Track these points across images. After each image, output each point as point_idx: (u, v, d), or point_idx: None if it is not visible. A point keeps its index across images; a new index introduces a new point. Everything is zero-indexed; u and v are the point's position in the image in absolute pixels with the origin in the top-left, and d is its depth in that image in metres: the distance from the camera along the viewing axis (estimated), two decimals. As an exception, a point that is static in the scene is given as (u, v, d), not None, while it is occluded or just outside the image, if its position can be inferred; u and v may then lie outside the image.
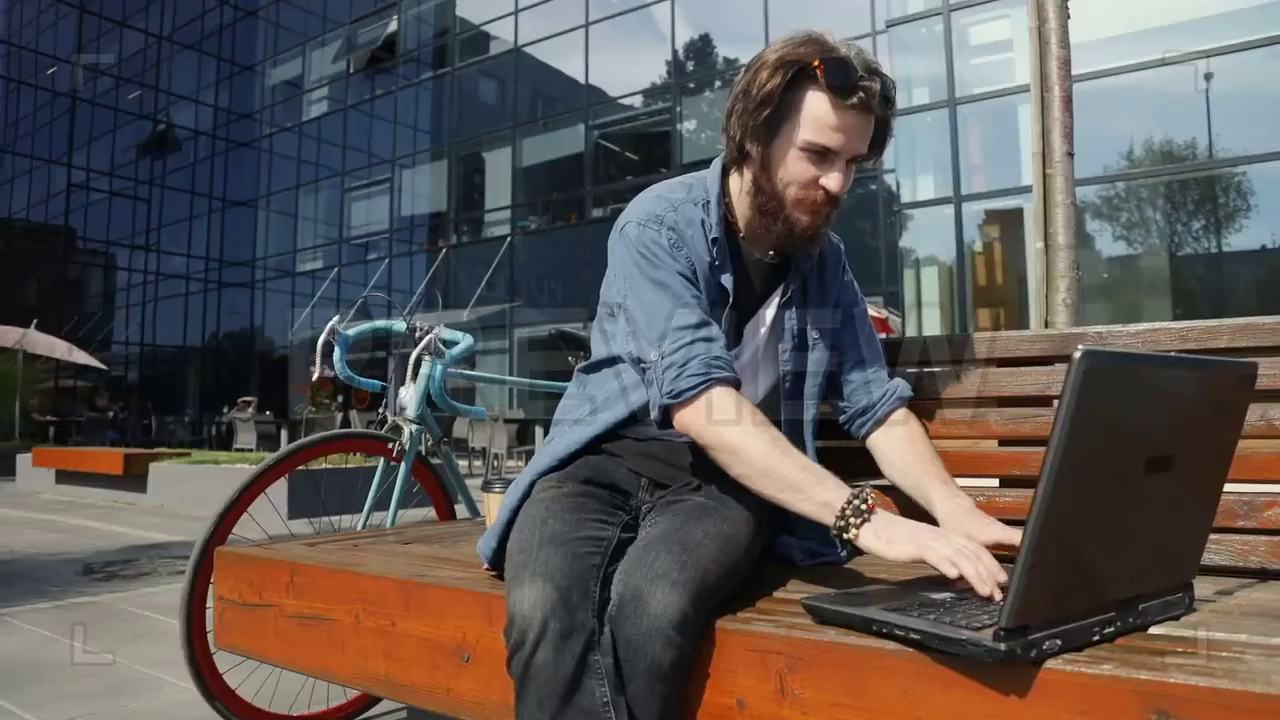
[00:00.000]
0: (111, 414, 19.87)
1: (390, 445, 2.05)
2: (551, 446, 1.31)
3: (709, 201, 1.26)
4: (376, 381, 2.14)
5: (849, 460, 1.43)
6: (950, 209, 10.36)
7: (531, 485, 1.26)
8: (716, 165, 1.29)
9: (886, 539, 1.00)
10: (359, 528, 2.08)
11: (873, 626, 0.90)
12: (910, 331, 10.85)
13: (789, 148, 1.17)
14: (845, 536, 1.03)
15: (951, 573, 0.94)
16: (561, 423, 1.36)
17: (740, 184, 1.26)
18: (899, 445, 1.28)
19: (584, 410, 1.32)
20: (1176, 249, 9.98)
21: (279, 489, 1.89)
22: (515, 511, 1.22)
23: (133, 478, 7.39)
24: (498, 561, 1.23)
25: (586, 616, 1.00)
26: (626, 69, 18.29)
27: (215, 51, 27.05)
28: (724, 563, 1.04)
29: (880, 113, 1.18)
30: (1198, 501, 0.95)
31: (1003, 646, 0.78)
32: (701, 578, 0.99)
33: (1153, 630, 0.92)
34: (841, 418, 1.36)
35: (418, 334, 2.05)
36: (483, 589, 1.23)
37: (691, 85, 17.08)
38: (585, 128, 18.59)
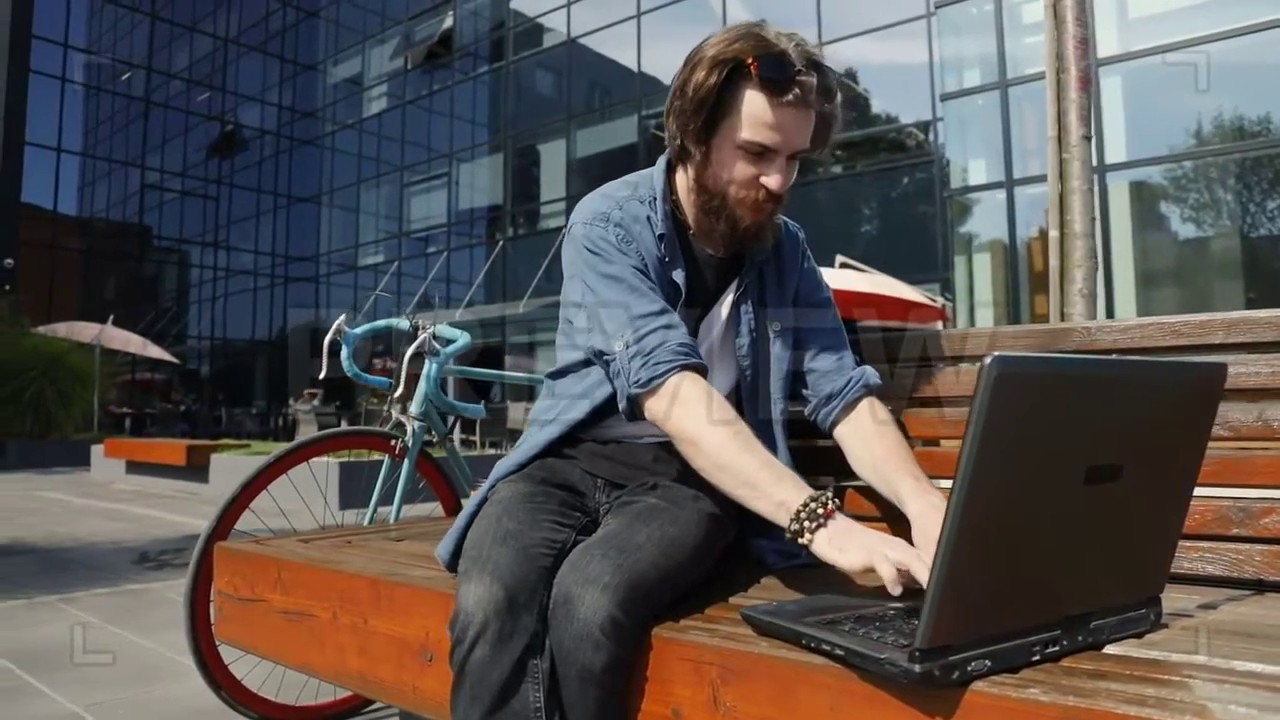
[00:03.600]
0: (184, 407, 20.69)
1: (393, 442, 2.07)
2: (514, 452, 1.31)
3: (654, 198, 1.23)
4: (385, 379, 2.17)
5: (828, 460, 1.39)
6: (1003, 193, 10.02)
7: (492, 489, 1.25)
8: (661, 162, 1.27)
9: (840, 547, 0.96)
10: (365, 524, 2.11)
11: (802, 640, 0.87)
12: (963, 318, 10.56)
13: (728, 147, 1.15)
14: (800, 541, 0.99)
15: (896, 591, 0.90)
16: (531, 425, 1.35)
17: (685, 181, 1.24)
18: (866, 439, 1.23)
19: (549, 415, 1.31)
20: (1249, 230, 9.47)
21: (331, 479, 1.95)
22: (473, 516, 1.22)
23: (195, 468, 7.68)
24: (455, 564, 1.23)
25: (531, 620, 0.99)
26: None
27: (279, 52, 27.84)
28: (664, 566, 1.02)
29: (820, 107, 1.13)
30: (1160, 512, 0.89)
31: (917, 668, 0.74)
32: (635, 581, 0.97)
33: (1108, 649, 0.86)
34: (807, 409, 1.31)
35: (419, 332, 2.07)
36: (445, 589, 1.23)
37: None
38: (639, 118, 18.57)
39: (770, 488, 1.02)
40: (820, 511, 0.99)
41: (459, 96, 22.82)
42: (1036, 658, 0.81)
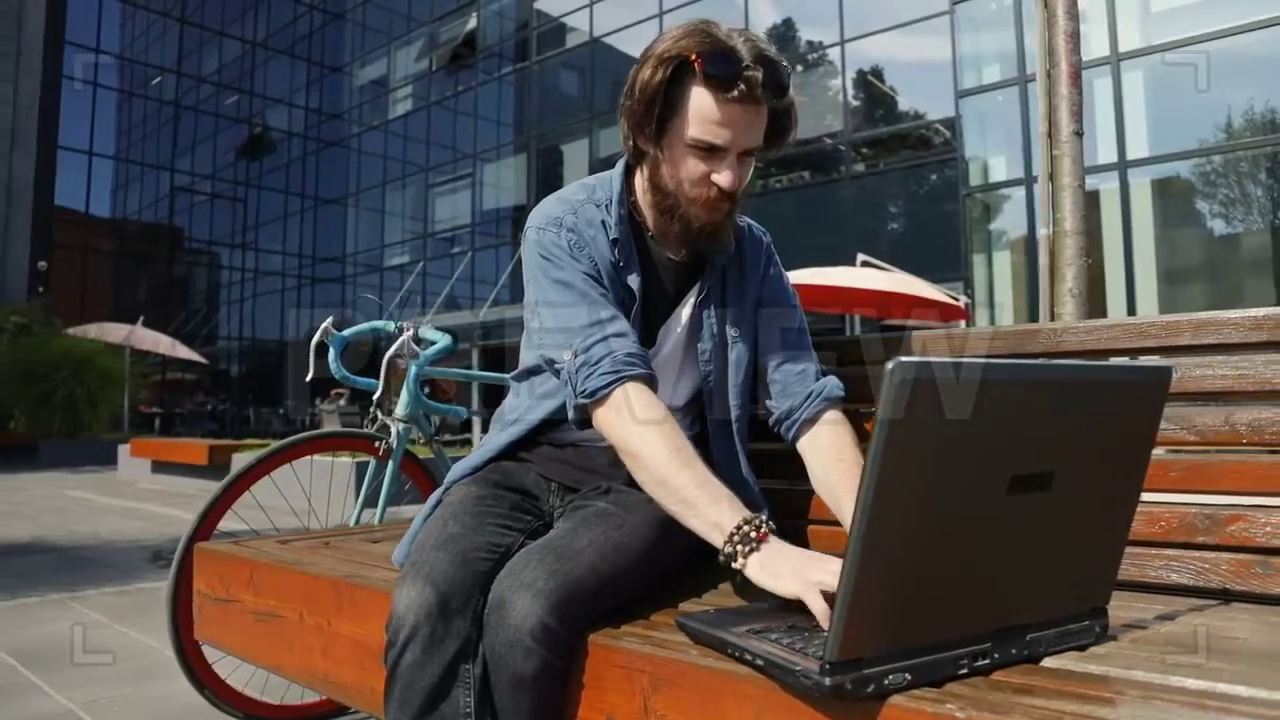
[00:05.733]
0: (210, 406, 21.03)
1: (377, 444, 2.08)
2: (473, 454, 1.30)
3: (610, 201, 1.22)
4: (373, 380, 2.17)
5: (799, 466, 1.37)
6: (1022, 190, 9.85)
7: (447, 491, 1.25)
8: (620, 164, 1.26)
9: (772, 572, 0.95)
10: (351, 525, 2.12)
11: (728, 649, 0.86)
12: (982, 317, 10.42)
13: (678, 145, 1.13)
14: (734, 565, 0.98)
15: (827, 625, 0.88)
16: (493, 426, 1.35)
17: (642, 182, 1.23)
18: (822, 458, 1.21)
19: (512, 416, 1.31)
20: (1281, 226, 9.23)
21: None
22: (428, 519, 1.21)
23: (217, 467, 7.78)
24: None
25: (464, 624, 0.99)
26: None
27: (306, 55, 28.17)
28: (605, 571, 1.01)
29: (771, 102, 1.11)
30: (1102, 520, 0.86)
31: (828, 681, 0.72)
32: (572, 587, 0.96)
33: (1046, 663, 0.84)
34: (770, 420, 1.30)
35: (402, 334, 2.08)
36: (402, 593, 1.23)
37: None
38: (660, 117, 18.51)
39: (706, 508, 1.01)
40: (754, 535, 0.97)
41: (483, 97, 22.92)
42: (964, 671, 0.79)
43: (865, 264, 8.32)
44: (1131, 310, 8.94)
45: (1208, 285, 9.57)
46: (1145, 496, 1.15)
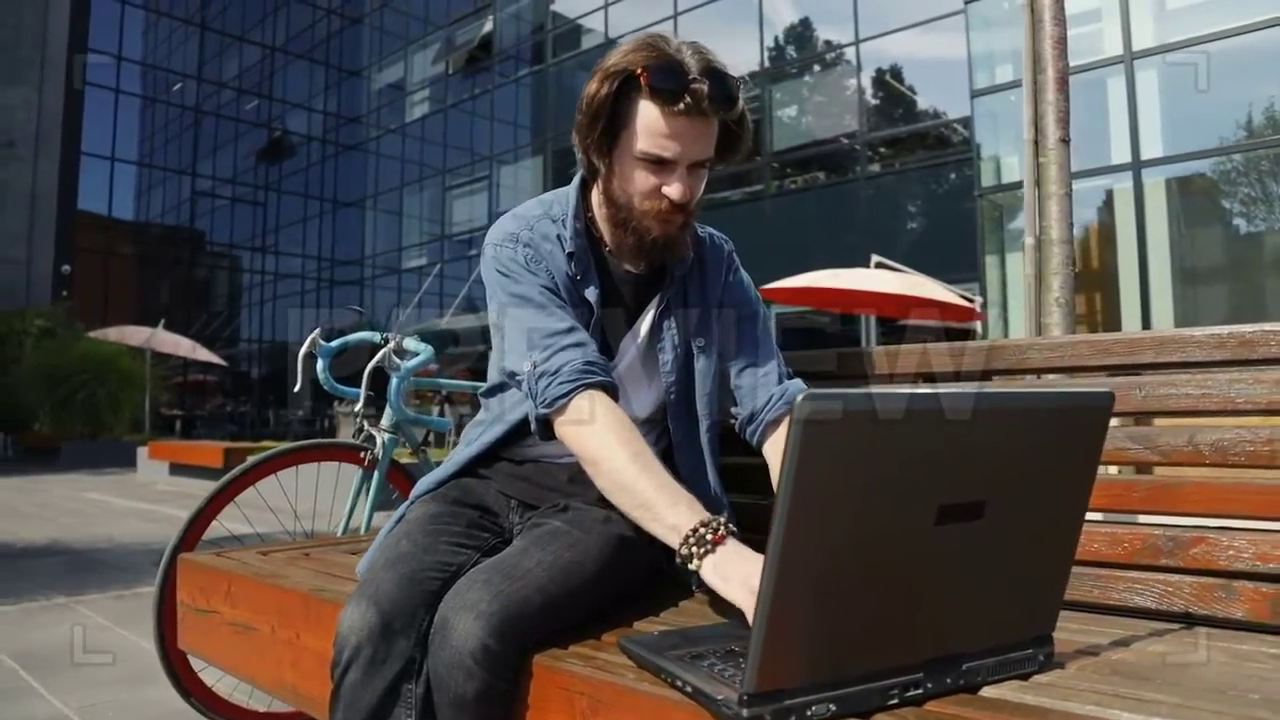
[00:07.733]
0: (230, 409, 21.26)
1: (363, 454, 2.10)
2: (438, 469, 1.31)
3: (566, 216, 1.22)
4: (358, 390, 2.19)
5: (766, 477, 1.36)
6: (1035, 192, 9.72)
7: (410, 506, 1.26)
8: (576, 179, 1.26)
9: (723, 575, 0.94)
10: (339, 534, 2.13)
11: (662, 674, 0.85)
12: (993, 319, 10.32)
13: (628, 159, 1.14)
14: (689, 567, 0.97)
15: None
16: (460, 441, 1.35)
17: (597, 196, 1.23)
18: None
19: (474, 434, 1.31)
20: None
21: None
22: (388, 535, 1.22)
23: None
24: None
25: (408, 645, 0.99)
26: (717, 57, 18.03)
27: (324, 59, 28.42)
28: (553, 593, 1.00)
29: (719, 114, 1.11)
30: (1042, 548, 0.85)
31: (745, 712, 0.71)
32: (515, 609, 0.96)
33: (985, 692, 0.83)
34: (736, 425, 1.29)
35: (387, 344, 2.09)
36: (364, 609, 1.24)
37: (793, 70, 16.69)
38: (676, 118, 18.47)
39: (664, 510, 1.00)
40: (710, 538, 0.96)
41: (499, 100, 23.01)
42: (894, 701, 0.78)
43: (879, 265, 8.26)
44: (1146, 312, 8.82)
45: (1225, 286, 9.42)
46: (1109, 518, 1.14)
